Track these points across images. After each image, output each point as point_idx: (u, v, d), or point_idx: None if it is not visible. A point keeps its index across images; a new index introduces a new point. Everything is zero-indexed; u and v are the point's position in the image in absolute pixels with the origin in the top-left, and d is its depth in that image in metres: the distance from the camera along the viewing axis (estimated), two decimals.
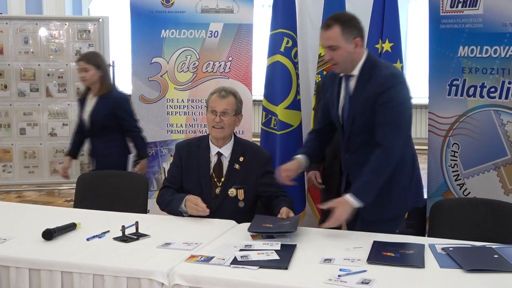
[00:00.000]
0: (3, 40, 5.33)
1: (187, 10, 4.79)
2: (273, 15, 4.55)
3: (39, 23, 5.40)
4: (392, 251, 2.59)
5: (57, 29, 5.38)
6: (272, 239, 2.77)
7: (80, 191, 3.72)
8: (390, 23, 4.16)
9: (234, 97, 3.34)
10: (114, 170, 3.95)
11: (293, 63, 4.48)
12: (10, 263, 2.54)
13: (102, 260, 2.51)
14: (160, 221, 3.14)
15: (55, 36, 5.38)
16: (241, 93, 4.80)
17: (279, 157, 4.51)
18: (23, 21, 5.43)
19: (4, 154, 5.37)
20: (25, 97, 5.34)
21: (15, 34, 5.33)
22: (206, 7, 4.85)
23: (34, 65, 5.34)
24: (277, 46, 4.49)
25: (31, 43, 5.35)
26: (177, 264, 2.45)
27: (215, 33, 4.85)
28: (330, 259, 2.51)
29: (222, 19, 4.84)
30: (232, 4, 4.83)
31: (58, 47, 5.35)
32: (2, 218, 3.17)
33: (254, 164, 3.31)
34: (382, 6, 4.16)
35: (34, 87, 5.34)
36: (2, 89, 5.34)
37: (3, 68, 5.33)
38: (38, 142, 5.34)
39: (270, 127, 4.60)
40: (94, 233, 2.84)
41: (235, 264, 2.45)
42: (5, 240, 2.75)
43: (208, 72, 4.78)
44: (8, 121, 5.34)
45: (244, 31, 4.84)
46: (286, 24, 4.48)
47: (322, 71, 4.35)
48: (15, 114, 5.32)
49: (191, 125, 4.88)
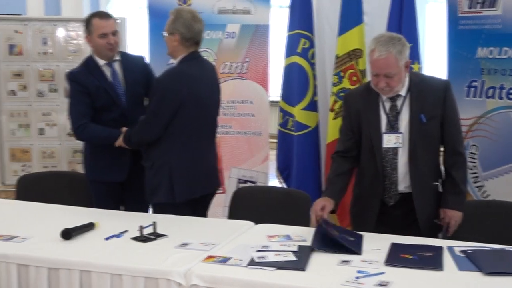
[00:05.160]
0: (22, 41, 5.36)
1: (204, 11, 4.79)
2: (290, 16, 4.54)
3: (57, 24, 5.43)
4: (410, 253, 2.57)
5: (75, 30, 5.41)
6: (291, 240, 2.77)
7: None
8: (408, 24, 4.13)
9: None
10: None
11: (310, 64, 4.48)
12: (29, 262, 2.56)
13: (120, 260, 2.53)
14: (177, 221, 3.14)
15: (73, 37, 5.41)
16: (258, 94, 4.86)
17: (296, 158, 4.51)
18: (41, 22, 5.45)
19: (23, 154, 5.41)
20: (44, 97, 5.37)
21: (34, 35, 5.36)
22: (223, 8, 4.85)
23: (52, 66, 5.36)
24: (294, 47, 4.49)
25: (50, 44, 5.38)
26: (195, 265, 2.46)
27: (232, 34, 4.85)
28: (347, 261, 2.50)
29: (239, 20, 4.84)
30: (249, 5, 4.83)
31: (76, 48, 5.37)
32: (21, 218, 3.20)
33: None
34: (399, 7, 4.14)
35: (52, 87, 5.36)
36: (22, 89, 5.36)
37: (22, 69, 5.36)
38: (57, 142, 5.36)
39: (287, 128, 4.60)
40: (112, 233, 2.86)
41: (252, 265, 2.45)
42: (25, 239, 2.78)
43: (225, 73, 4.79)
44: (27, 121, 5.37)
45: (261, 32, 4.83)
46: (303, 25, 4.47)
47: (339, 72, 4.34)
48: (34, 114, 5.35)
49: None
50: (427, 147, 3.03)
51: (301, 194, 3.52)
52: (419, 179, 3.03)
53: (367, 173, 3.10)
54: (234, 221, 3.21)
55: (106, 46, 3.62)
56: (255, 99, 4.85)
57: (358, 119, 3.10)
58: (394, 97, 3.00)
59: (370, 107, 3.05)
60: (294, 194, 3.63)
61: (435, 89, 3.03)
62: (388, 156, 3.03)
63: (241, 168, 4.84)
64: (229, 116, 4.76)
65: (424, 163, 3.03)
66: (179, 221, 3.16)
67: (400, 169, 3.04)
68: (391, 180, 3.05)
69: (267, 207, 3.47)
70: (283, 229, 2.95)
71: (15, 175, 5.14)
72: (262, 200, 3.53)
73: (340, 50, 4.33)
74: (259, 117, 4.84)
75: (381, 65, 2.87)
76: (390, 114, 3.02)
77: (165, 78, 3.36)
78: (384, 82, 2.90)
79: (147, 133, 3.37)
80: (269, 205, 3.48)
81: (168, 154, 3.34)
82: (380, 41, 2.88)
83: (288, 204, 3.47)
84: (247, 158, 4.86)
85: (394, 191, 3.06)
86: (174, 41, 3.36)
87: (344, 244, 2.64)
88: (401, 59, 2.88)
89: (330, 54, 4.53)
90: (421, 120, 2.98)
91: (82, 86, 3.63)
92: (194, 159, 3.41)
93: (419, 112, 2.98)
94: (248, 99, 4.85)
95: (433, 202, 3.08)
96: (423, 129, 2.99)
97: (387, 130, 3.02)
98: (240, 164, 4.85)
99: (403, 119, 3.01)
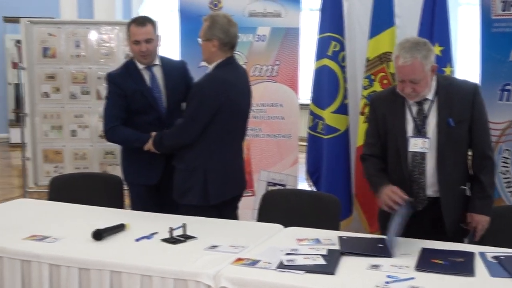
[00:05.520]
0: (56, 44, 5.43)
1: (235, 14, 4.80)
2: (321, 19, 4.54)
3: (90, 27, 5.49)
4: (441, 258, 2.54)
5: (108, 33, 5.46)
6: (320, 244, 2.76)
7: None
8: (440, 27, 4.09)
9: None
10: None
11: (340, 67, 4.46)
12: (61, 262, 2.60)
13: (150, 261, 2.54)
14: (207, 223, 3.16)
15: (105, 40, 5.47)
16: (288, 97, 4.86)
17: (326, 161, 4.49)
18: (75, 26, 5.52)
19: (55, 155, 5.48)
20: (76, 99, 5.43)
21: (67, 38, 5.43)
22: (253, 11, 4.86)
23: (85, 69, 5.42)
24: (325, 50, 4.47)
25: (83, 47, 5.44)
26: (224, 267, 2.47)
27: (262, 37, 4.86)
28: (377, 265, 2.48)
29: (269, 23, 4.84)
30: (279, 8, 4.83)
31: (109, 50, 5.42)
32: (53, 218, 3.24)
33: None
34: (431, 10, 4.10)
35: (85, 90, 5.42)
36: (55, 91, 5.44)
37: (56, 72, 5.43)
38: (89, 144, 5.42)
39: (317, 131, 4.59)
40: (142, 234, 2.88)
41: (281, 268, 2.45)
42: (56, 239, 2.82)
43: (256, 76, 4.80)
44: (60, 123, 5.44)
45: (291, 35, 4.83)
46: (334, 27, 4.45)
47: (370, 75, 4.32)
48: (66, 116, 5.43)
49: None
50: (455, 151, 2.99)
51: (330, 198, 3.50)
52: (447, 183, 3.00)
53: (394, 178, 3.07)
54: (264, 224, 3.21)
55: (138, 53, 3.67)
56: (285, 102, 4.85)
57: (384, 123, 3.07)
58: (421, 101, 2.97)
59: (397, 111, 3.03)
60: (323, 197, 3.62)
61: (463, 92, 2.99)
62: (415, 161, 3.00)
63: (270, 171, 4.84)
64: (259, 119, 4.77)
65: (452, 167, 2.99)
66: (208, 223, 3.17)
67: (428, 173, 3.01)
68: (419, 185, 3.02)
69: (297, 210, 3.46)
70: (312, 233, 2.95)
71: (47, 176, 5.21)
72: (291, 203, 3.53)
73: (371, 53, 4.31)
74: (289, 120, 4.84)
75: (406, 72, 2.84)
76: (417, 118, 2.99)
77: (204, 84, 3.39)
78: (410, 87, 2.87)
79: (183, 137, 3.40)
80: (298, 208, 3.48)
81: (203, 157, 3.38)
82: (405, 47, 2.85)
83: (317, 207, 3.46)
84: (277, 161, 4.87)
85: (422, 195, 3.03)
86: (212, 46, 3.39)
87: (373, 254, 2.63)
88: (426, 64, 2.84)
89: (361, 57, 4.52)
90: (449, 124, 2.94)
91: (119, 88, 3.69)
92: (227, 161, 3.47)
93: (447, 115, 2.95)
94: (278, 102, 4.85)
95: (461, 206, 3.05)
96: (451, 133, 2.95)
97: (414, 134, 2.99)
98: (269, 167, 4.86)
99: (431, 123, 2.98)
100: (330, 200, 3.48)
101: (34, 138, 5.49)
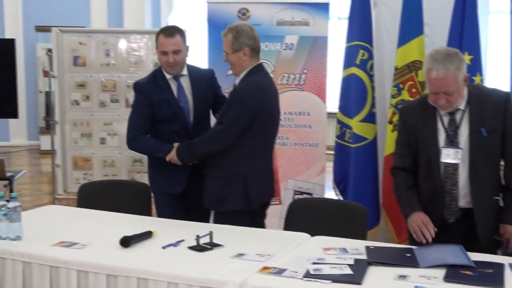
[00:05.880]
0: (86, 53, 5.50)
1: (263, 22, 4.82)
2: (349, 27, 4.52)
3: (120, 36, 5.56)
4: (470, 269, 2.51)
5: (137, 42, 5.52)
6: (347, 253, 2.74)
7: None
8: (469, 36, 4.04)
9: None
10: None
11: (368, 75, 4.44)
12: (89, 268, 2.62)
13: (177, 269, 2.55)
14: (233, 231, 3.16)
15: (135, 49, 5.52)
16: (316, 105, 4.85)
17: (353, 170, 4.47)
18: (104, 34, 5.59)
19: (85, 162, 5.54)
20: (106, 107, 5.49)
21: (97, 46, 5.50)
22: (281, 20, 4.87)
23: (114, 77, 5.48)
24: (353, 59, 4.45)
25: (112, 56, 5.51)
26: (250, 275, 2.46)
27: (290, 45, 4.86)
28: (405, 276, 2.46)
29: (297, 31, 4.85)
30: (307, 17, 4.83)
31: (138, 59, 5.47)
32: (82, 225, 3.27)
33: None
34: (461, 19, 4.06)
35: (114, 98, 5.48)
36: (84, 99, 5.51)
37: (86, 80, 5.50)
38: (117, 151, 5.47)
39: (344, 140, 4.56)
40: (169, 242, 2.89)
41: (307, 277, 2.44)
42: (85, 246, 2.84)
43: (283, 84, 4.80)
44: (89, 131, 5.50)
45: (319, 44, 4.83)
46: (362, 36, 4.43)
47: (398, 83, 4.28)
48: (96, 124, 5.49)
49: None
50: (488, 161, 2.95)
51: (357, 207, 3.48)
52: (480, 194, 2.96)
53: (425, 190, 3.04)
54: (290, 232, 3.20)
55: (166, 64, 3.64)
56: (313, 110, 4.84)
57: (415, 134, 3.05)
58: (453, 111, 2.95)
59: (428, 122, 3.00)
60: (350, 206, 3.59)
61: (495, 102, 2.96)
62: (448, 172, 2.97)
63: (297, 180, 4.83)
64: (286, 128, 4.77)
65: (485, 177, 2.95)
66: (235, 231, 3.17)
67: (461, 184, 2.97)
68: (451, 196, 2.99)
69: (323, 219, 3.44)
70: (339, 242, 2.93)
71: (77, 183, 5.28)
72: (318, 212, 3.51)
73: (400, 62, 4.28)
74: (316, 128, 4.83)
75: (440, 84, 2.82)
76: (449, 128, 2.96)
77: (244, 89, 3.42)
78: (444, 99, 2.85)
79: (219, 143, 3.40)
80: (325, 217, 3.46)
81: (242, 162, 3.41)
82: (437, 59, 2.83)
83: (344, 216, 3.44)
84: (304, 169, 4.85)
85: (454, 207, 3.00)
86: (243, 55, 3.41)
87: (401, 263, 2.61)
88: (459, 75, 2.82)
89: (389, 65, 4.49)
90: (481, 134, 2.91)
91: (146, 97, 3.68)
92: (264, 166, 3.55)
93: (479, 125, 2.91)
94: (305, 111, 4.84)
95: (494, 217, 3.00)
96: (483, 143, 2.92)
97: (446, 145, 2.96)
98: (296, 176, 4.85)
99: (463, 133, 2.95)
100: (357, 209, 3.45)
101: (63, 145, 5.56)
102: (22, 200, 3.74)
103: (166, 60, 3.62)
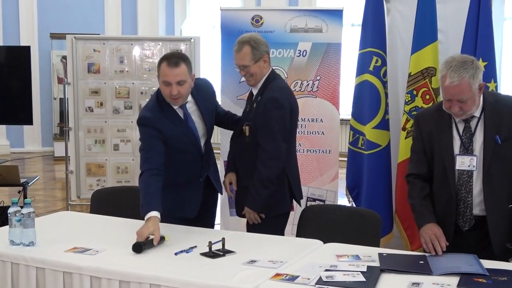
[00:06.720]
0: (100, 60, 5.55)
1: (276, 29, 4.84)
2: (362, 34, 4.51)
3: (133, 43, 5.60)
4: (484, 277, 2.49)
5: (151, 49, 5.56)
6: (360, 260, 2.73)
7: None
8: (484, 42, 4.03)
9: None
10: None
11: (382, 82, 4.43)
12: (101, 274, 2.63)
13: (189, 275, 2.55)
14: (246, 238, 3.16)
15: (148, 56, 5.56)
16: (329, 112, 4.84)
17: (366, 177, 4.45)
18: (119, 42, 5.64)
19: (98, 168, 5.58)
20: (119, 114, 5.53)
21: (111, 54, 5.55)
22: (295, 27, 4.88)
23: (128, 84, 5.52)
24: (366, 65, 4.45)
25: (126, 63, 5.55)
26: (262, 282, 2.46)
27: (303, 52, 4.87)
28: (418, 283, 2.44)
29: (310, 38, 4.85)
30: (321, 24, 4.84)
31: (151, 66, 5.51)
32: (95, 231, 3.28)
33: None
34: (475, 25, 4.04)
35: (128, 104, 5.52)
36: (98, 106, 5.55)
37: (100, 86, 5.55)
38: (131, 158, 5.50)
39: (357, 146, 4.55)
40: (182, 248, 2.89)
41: (320, 284, 2.43)
42: (98, 252, 2.85)
43: (296, 91, 4.80)
44: (103, 137, 5.54)
45: (332, 50, 4.83)
46: (376, 43, 4.43)
47: (412, 90, 4.27)
48: (109, 130, 5.52)
49: None
50: (503, 168, 2.93)
51: (370, 214, 3.46)
52: (494, 202, 2.93)
53: (440, 197, 3.02)
54: (303, 239, 3.19)
55: (168, 95, 3.25)
56: (326, 117, 4.84)
57: (430, 141, 3.03)
58: (468, 118, 2.93)
59: (443, 129, 2.98)
60: (363, 213, 3.58)
61: (510, 109, 2.93)
62: (462, 179, 2.95)
63: (310, 186, 4.83)
64: (299, 134, 4.75)
65: (500, 185, 2.93)
66: (247, 238, 3.17)
67: (475, 192, 2.95)
68: (465, 204, 2.97)
69: (336, 226, 3.43)
70: (352, 249, 2.92)
71: (90, 189, 5.31)
72: (331, 219, 3.50)
73: (413, 68, 4.26)
74: (329, 135, 4.82)
75: (454, 91, 2.80)
76: (464, 136, 2.94)
77: (279, 95, 3.41)
78: (458, 107, 2.83)
79: (279, 153, 3.38)
80: (338, 224, 3.45)
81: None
82: (452, 66, 2.81)
83: (357, 223, 3.42)
84: (316, 176, 4.85)
85: (469, 215, 2.98)
86: (263, 62, 3.43)
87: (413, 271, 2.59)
88: (474, 83, 2.80)
89: (403, 72, 4.48)
90: (496, 141, 2.89)
91: (158, 132, 3.30)
92: (296, 164, 3.68)
93: (494, 133, 2.89)
94: (318, 117, 4.84)
95: (509, 225, 2.97)
96: (498, 150, 2.89)
97: (461, 152, 2.94)
98: (309, 182, 4.84)
99: (478, 140, 2.93)
100: (370, 216, 3.44)
101: (77, 151, 5.60)
102: (36, 206, 3.77)
103: (169, 91, 3.22)
